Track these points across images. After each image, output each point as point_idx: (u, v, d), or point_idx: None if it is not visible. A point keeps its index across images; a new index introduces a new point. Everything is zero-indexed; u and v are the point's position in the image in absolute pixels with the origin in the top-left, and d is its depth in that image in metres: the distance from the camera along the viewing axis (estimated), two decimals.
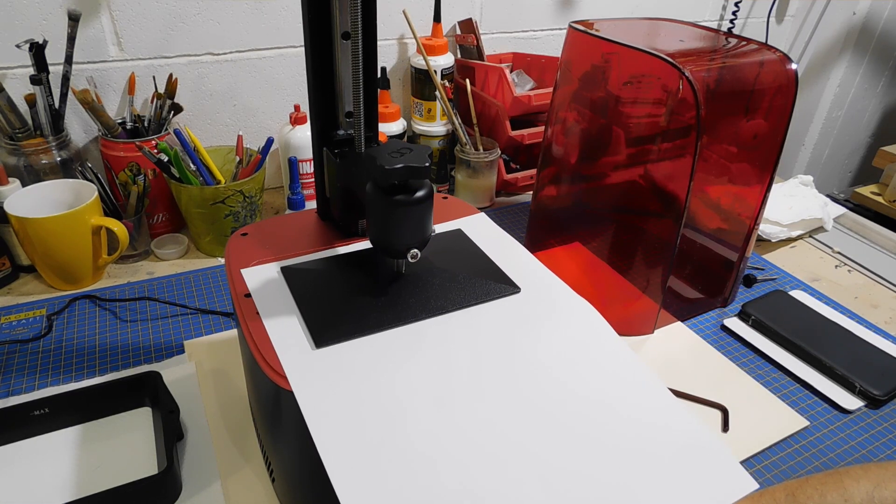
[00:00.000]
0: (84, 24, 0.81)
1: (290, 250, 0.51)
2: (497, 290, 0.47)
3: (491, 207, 0.98)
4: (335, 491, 0.34)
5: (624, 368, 0.44)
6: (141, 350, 0.65)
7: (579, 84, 0.71)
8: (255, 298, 0.46)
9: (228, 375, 0.62)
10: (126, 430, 0.55)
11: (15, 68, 0.81)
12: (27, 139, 0.78)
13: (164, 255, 0.82)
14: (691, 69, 0.57)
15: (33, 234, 0.70)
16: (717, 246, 0.74)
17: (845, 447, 0.58)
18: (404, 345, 0.42)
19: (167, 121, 0.86)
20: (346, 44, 0.48)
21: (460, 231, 0.55)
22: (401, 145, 0.43)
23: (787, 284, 0.82)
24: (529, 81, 1.05)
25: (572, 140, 0.73)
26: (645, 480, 0.37)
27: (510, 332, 0.44)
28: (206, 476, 0.52)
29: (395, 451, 0.36)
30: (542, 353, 0.43)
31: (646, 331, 0.71)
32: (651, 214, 0.68)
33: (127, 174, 0.81)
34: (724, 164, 0.69)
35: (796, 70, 0.65)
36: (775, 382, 0.65)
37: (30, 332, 0.67)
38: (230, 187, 0.77)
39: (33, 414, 0.54)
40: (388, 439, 0.37)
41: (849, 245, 0.93)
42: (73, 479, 0.51)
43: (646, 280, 0.69)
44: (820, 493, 0.36)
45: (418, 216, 0.44)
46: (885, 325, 0.75)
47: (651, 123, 0.63)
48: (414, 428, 0.38)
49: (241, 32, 0.90)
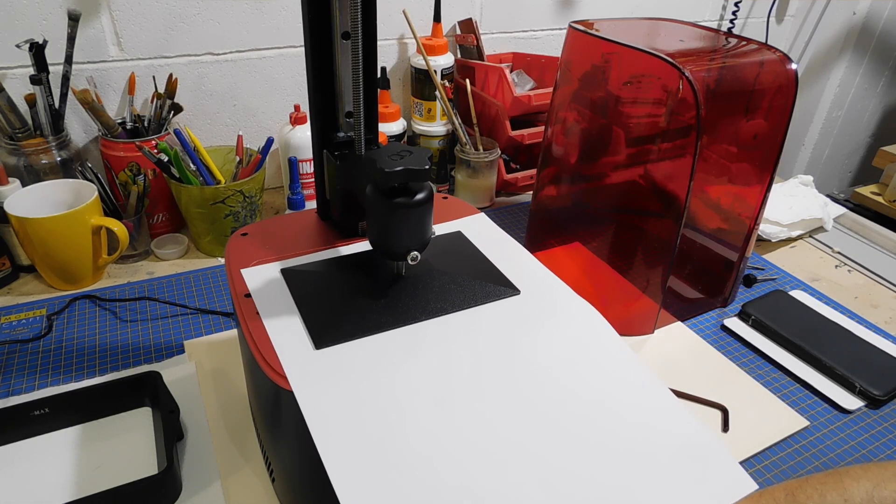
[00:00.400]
0: (84, 24, 0.81)
1: (290, 250, 0.51)
2: (497, 293, 0.47)
3: (491, 207, 0.98)
4: (335, 491, 0.34)
5: (624, 369, 0.44)
6: (141, 350, 0.65)
7: (579, 84, 0.71)
8: (255, 299, 0.46)
9: (228, 375, 0.62)
10: (126, 430, 0.55)
11: (15, 68, 0.81)
12: (27, 139, 0.78)
13: (164, 255, 0.82)
14: (691, 69, 0.57)
15: (33, 234, 0.70)
16: (717, 246, 0.74)
17: (845, 447, 0.58)
18: (404, 346, 0.42)
19: (167, 121, 0.86)
20: (346, 44, 0.48)
21: (460, 233, 0.55)
22: (401, 148, 0.43)
23: (787, 284, 0.82)
24: (529, 81, 1.05)
25: (572, 140, 0.73)
26: (644, 481, 0.37)
27: (510, 332, 0.44)
28: (206, 476, 0.52)
29: (394, 452, 0.36)
30: (542, 354, 0.43)
31: (646, 331, 0.71)
32: (651, 214, 0.68)
33: (127, 174, 0.81)
34: (724, 164, 0.69)
35: (796, 70, 0.65)
36: (775, 382, 0.65)
37: (30, 332, 0.67)
38: (230, 187, 0.77)
39: (33, 414, 0.54)
40: (387, 440, 0.37)
41: (849, 245, 0.93)
42: (74, 479, 0.51)
43: (646, 280, 0.69)
44: (820, 493, 0.36)
45: (418, 219, 0.44)
46: (885, 325, 0.75)
47: (651, 123, 0.63)
48: (414, 428, 0.38)
49: (242, 32, 0.90)
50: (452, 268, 0.49)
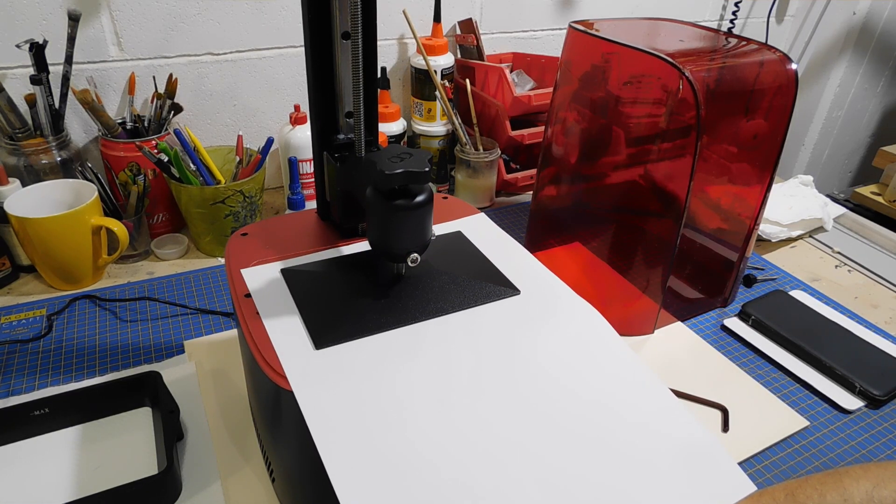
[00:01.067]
0: (84, 24, 0.81)
1: (291, 250, 0.51)
2: (497, 293, 0.47)
3: (491, 207, 0.98)
4: (335, 491, 0.34)
5: (624, 369, 0.44)
6: (141, 350, 0.65)
7: (579, 84, 0.71)
8: (255, 299, 0.46)
9: (228, 375, 0.62)
10: (126, 430, 0.55)
11: (15, 68, 0.81)
12: (27, 139, 0.78)
13: (164, 255, 0.82)
14: (691, 69, 0.57)
15: (33, 234, 0.70)
16: (717, 246, 0.74)
17: (845, 447, 0.58)
18: (404, 346, 0.42)
19: (167, 121, 0.86)
20: (346, 44, 0.48)
21: (460, 233, 0.55)
22: (401, 150, 0.43)
23: (787, 284, 0.82)
24: (529, 81, 1.05)
25: (572, 140, 0.73)
26: (643, 481, 0.37)
27: (510, 332, 0.44)
28: (206, 476, 0.52)
29: (394, 452, 0.36)
30: (542, 354, 0.43)
31: (646, 331, 0.71)
32: (651, 214, 0.68)
33: (127, 174, 0.81)
34: (724, 164, 0.69)
35: (796, 70, 0.65)
36: (775, 382, 0.65)
37: (30, 332, 0.67)
38: (230, 187, 0.77)
39: (33, 414, 0.54)
40: (387, 440, 0.37)
41: (849, 245, 0.93)
42: (73, 479, 0.51)
43: (646, 280, 0.69)
44: (819, 493, 0.36)
45: (418, 221, 0.44)
46: (885, 325, 0.75)
47: (651, 123, 0.63)
48: (414, 428, 0.38)
49: (242, 32, 0.90)
50: (452, 268, 0.49)
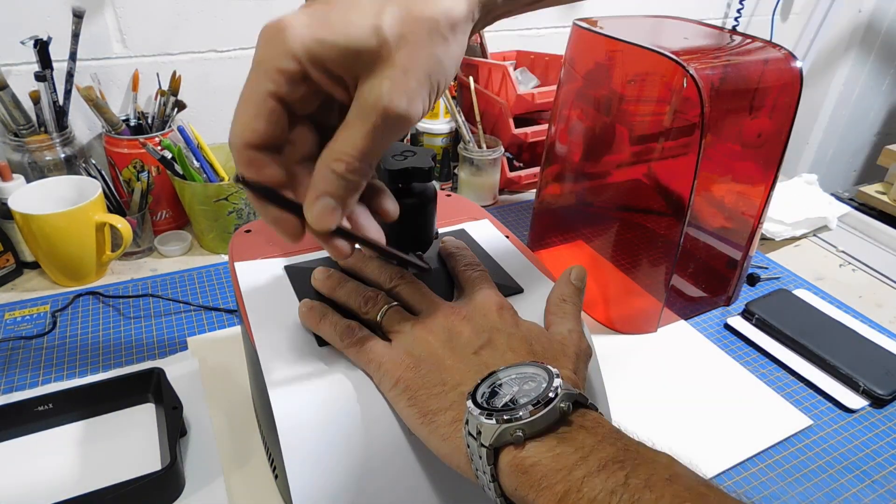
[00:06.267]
0: (88, 21, 0.81)
1: (294, 247, 0.51)
2: (500, 291, 0.47)
3: (494, 205, 0.98)
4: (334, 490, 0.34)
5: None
6: (144, 346, 0.66)
7: (583, 82, 0.70)
8: (258, 295, 0.46)
9: (232, 372, 0.62)
10: (129, 427, 0.55)
11: (19, 65, 0.81)
12: (31, 136, 0.78)
13: (167, 252, 0.82)
14: (696, 67, 0.57)
15: (37, 230, 0.70)
16: (721, 244, 0.74)
17: (849, 446, 0.58)
18: None
19: (171, 118, 0.86)
20: None
21: (464, 231, 0.55)
22: (404, 148, 0.43)
23: (790, 283, 0.81)
24: (533, 79, 1.05)
25: (576, 138, 0.73)
26: None
27: None
28: (209, 472, 0.52)
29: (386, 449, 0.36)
30: None
31: (649, 329, 0.70)
32: (655, 213, 0.68)
33: (131, 171, 0.81)
34: (728, 163, 0.68)
35: (801, 68, 0.65)
36: (779, 381, 0.65)
37: (34, 328, 0.68)
38: (233, 184, 0.77)
39: (37, 410, 0.54)
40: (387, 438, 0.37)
41: (853, 244, 0.92)
42: (77, 474, 0.51)
43: (649, 278, 0.68)
44: None
45: (422, 218, 0.44)
46: (889, 325, 0.74)
47: (655, 121, 0.62)
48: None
49: (245, 30, 0.90)
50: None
